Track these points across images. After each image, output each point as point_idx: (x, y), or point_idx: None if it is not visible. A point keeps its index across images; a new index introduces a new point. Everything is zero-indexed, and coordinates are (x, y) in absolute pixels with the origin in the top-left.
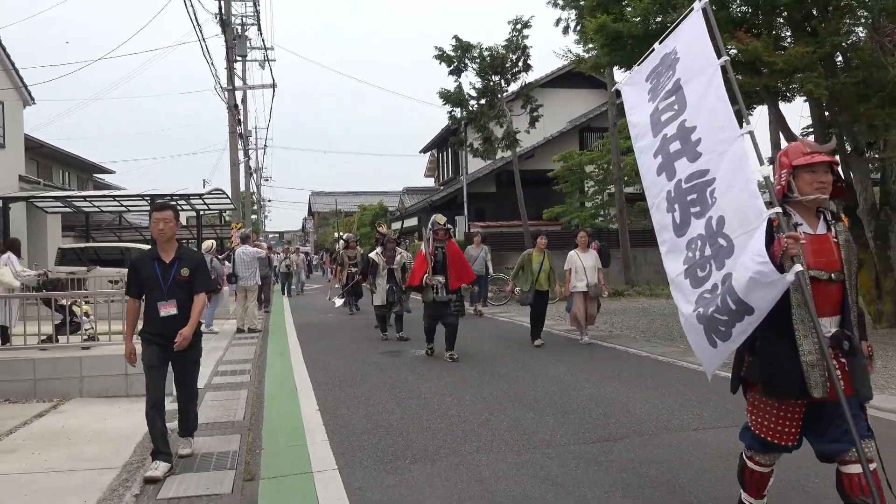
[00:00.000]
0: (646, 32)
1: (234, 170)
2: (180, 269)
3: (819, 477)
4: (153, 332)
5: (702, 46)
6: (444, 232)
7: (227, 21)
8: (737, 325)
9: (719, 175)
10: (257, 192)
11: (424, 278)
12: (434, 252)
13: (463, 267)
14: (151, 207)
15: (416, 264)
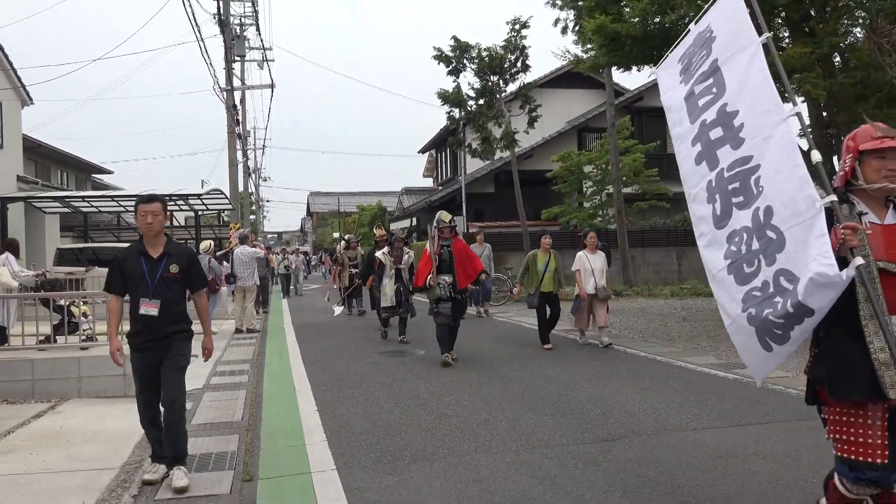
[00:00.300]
0: (644, 33)
1: (232, 170)
2: (169, 265)
3: (817, 476)
4: (136, 332)
5: (740, 23)
6: (450, 230)
7: (225, 21)
8: (796, 327)
9: (765, 162)
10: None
11: (428, 279)
12: (439, 251)
13: (471, 263)
14: (138, 199)
15: (421, 264)
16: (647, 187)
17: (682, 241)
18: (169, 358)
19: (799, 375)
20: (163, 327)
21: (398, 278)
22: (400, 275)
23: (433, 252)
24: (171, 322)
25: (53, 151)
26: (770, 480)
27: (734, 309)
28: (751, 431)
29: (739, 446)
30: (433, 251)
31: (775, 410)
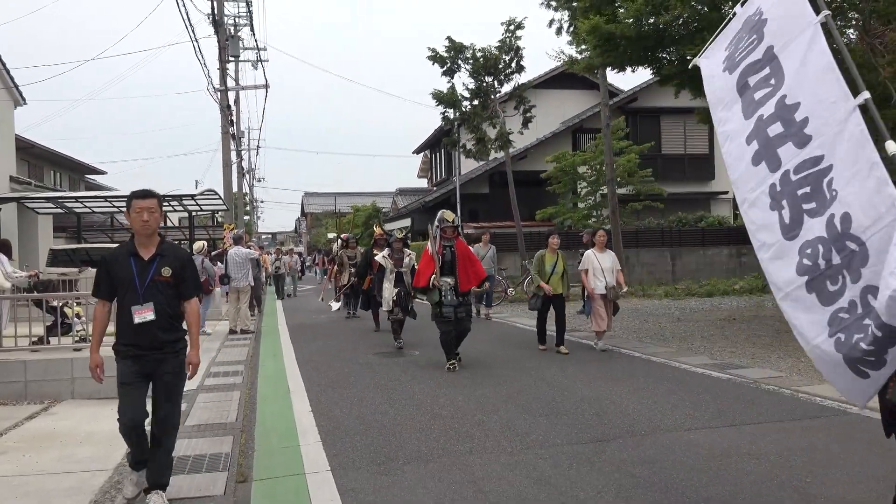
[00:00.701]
0: (638, 33)
1: (226, 170)
2: (161, 267)
3: (811, 476)
4: (127, 343)
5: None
6: (453, 229)
7: (219, 21)
8: (889, 350)
9: (836, 161)
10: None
11: (431, 280)
12: (442, 251)
13: (473, 267)
14: (131, 195)
15: (422, 264)
16: (641, 188)
17: (676, 241)
18: (164, 374)
19: (792, 375)
20: (157, 335)
21: (398, 281)
22: (401, 278)
23: (435, 252)
24: (165, 329)
25: (47, 152)
26: (764, 480)
27: (816, 334)
28: (745, 432)
29: (733, 446)
30: (435, 251)
31: (769, 411)
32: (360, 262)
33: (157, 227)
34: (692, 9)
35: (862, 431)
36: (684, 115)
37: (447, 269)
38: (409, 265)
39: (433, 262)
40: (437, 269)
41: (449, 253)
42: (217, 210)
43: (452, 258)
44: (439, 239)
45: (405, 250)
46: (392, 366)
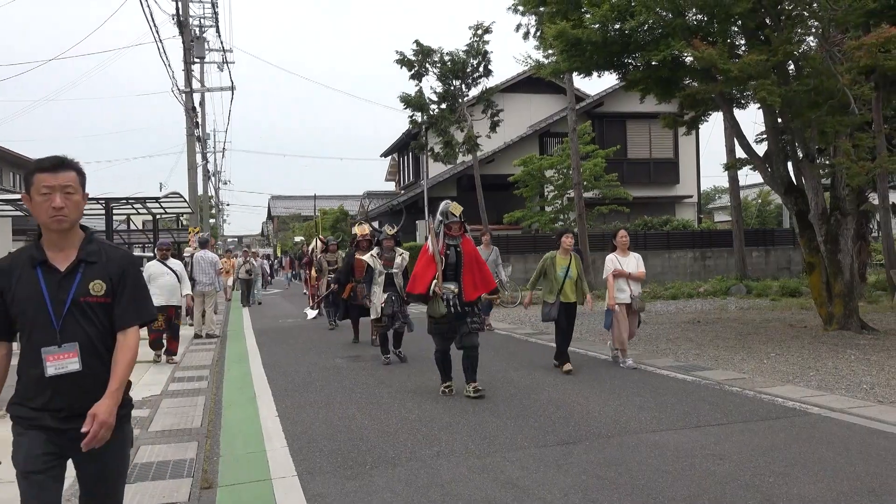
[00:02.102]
0: (604, 39)
1: (191, 173)
2: (88, 281)
3: (774, 476)
4: (35, 407)
5: None
6: (460, 226)
7: (184, 22)
8: None
9: None
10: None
11: (433, 286)
12: (445, 252)
13: (481, 272)
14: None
15: (420, 266)
16: (607, 192)
17: (641, 244)
18: (99, 457)
19: (755, 377)
20: (81, 394)
21: (389, 284)
22: (392, 281)
23: (437, 252)
24: (98, 381)
25: (4, 153)
26: (728, 481)
27: None
28: (709, 433)
29: (698, 447)
30: (437, 251)
31: (733, 412)
32: (342, 268)
33: (79, 219)
34: (657, 15)
35: (822, 431)
36: (649, 120)
37: (450, 274)
38: (401, 266)
39: (434, 265)
40: (440, 272)
41: (453, 254)
42: (182, 213)
43: (458, 260)
44: (442, 237)
45: (397, 249)
46: (359, 370)
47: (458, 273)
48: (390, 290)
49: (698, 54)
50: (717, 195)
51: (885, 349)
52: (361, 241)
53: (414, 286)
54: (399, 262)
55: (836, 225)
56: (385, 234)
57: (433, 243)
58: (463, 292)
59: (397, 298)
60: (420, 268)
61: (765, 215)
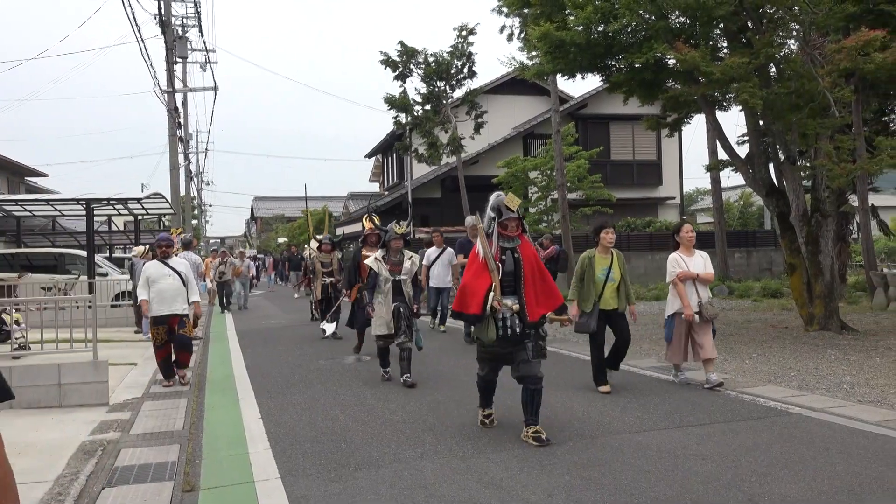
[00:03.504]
0: (588, 41)
1: (173, 174)
2: None
3: (755, 476)
4: None
5: None
6: (518, 223)
7: (166, 22)
8: None
9: None
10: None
11: (490, 302)
12: (500, 257)
13: (544, 283)
14: None
15: (469, 276)
16: (590, 193)
17: (625, 246)
18: None
19: (738, 377)
20: None
21: (397, 293)
22: (400, 289)
23: (491, 258)
24: None
25: None
26: (710, 480)
27: None
28: (692, 433)
29: (681, 447)
30: (490, 256)
31: (715, 412)
32: (348, 267)
33: None
34: (640, 18)
35: (802, 431)
36: (633, 122)
37: (507, 286)
38: (410, 271)
39: (487, 274)
40: (497, 283)
41: (510, 260)
42: (164, 214)
43: (516, 268)
44: (496, 238)
45: (405, 251)
46: (343, 371)
47: (518, 285)
48: (398, 300)
49: (681, 57)
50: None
51: (864, 349)
52: (370, 235)
53: (464, 303)
54: (408, 266)
55: (816, 226)
56: (392, 234)
57: (484, 246)
58: (526, 308)
59: (406, 311)
60: (470, 278)
61: (747, 217)
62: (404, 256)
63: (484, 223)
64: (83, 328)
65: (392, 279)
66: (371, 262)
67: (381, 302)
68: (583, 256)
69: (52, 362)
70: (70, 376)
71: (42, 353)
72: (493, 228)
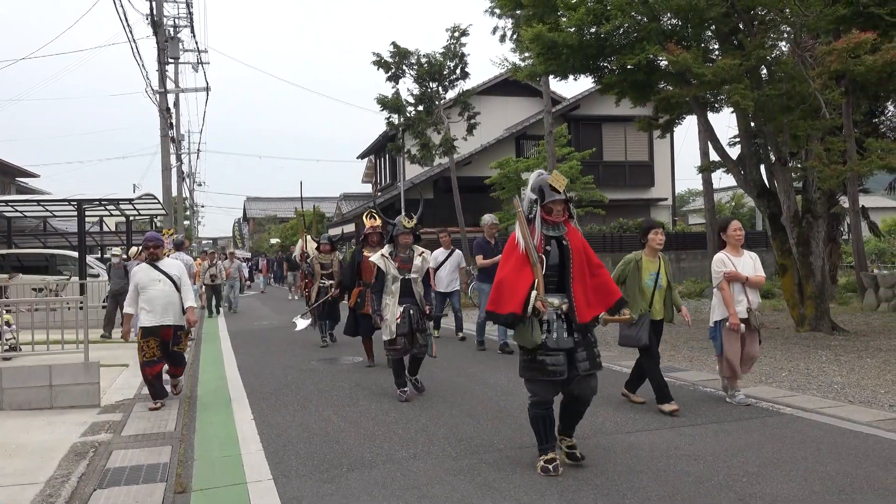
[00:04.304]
0: (580, 42)
1: (165, 174)
2: None
3: (747, 476)
4: None
5: None
6: (564, 207)
7: (158, 22)
8: None
9: None
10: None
11: (533, 300)
12: (544, 246)
13: (594, 276)
14: None
15: (507, 270)
16: (583, 194)
17: (617, 246)
18: None
19: None
20: None
21: (406, 294)
22: (409, 289)
23: (533, 248)
24: None
25: None
26: (702, 481)
27: None
28: (684, 433)
29: (673, 448)
30: (533, 246)
31: (707, 412)
32: (346, 269)
33: None
34: (632, 19)
35: (794, 431)
36: (625, 123)
37: (552, 281)
38: (421, 269)
39: (529, 268)
40: (540, 279)
41: (555, 250)
42: (156, 215)
43: (562, 260)
44: (539, 225)
45: (415, 247)
46: (335, 372)
47: (565, 280)
48: (407, 301)
49: (673, 58)
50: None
51: (855, 350)
52: (371, 234)
53: (500, 302)
54: (419, 263)
55: (807, 227)
56: (401, 228)
57: (524, 235)
58: (576, 308)
59: (417, 312)
60: (508, 272)
61: (738, 218)
62: (414, 253)
63: (524, 207)
64: (74, 329)
65: (401, 278)
66: (377, 258)
67: (387, 304)
68: (627, 258)
69: (44, 363)
70: (61, 378)
71: (33, 354)
72: (536, 213)
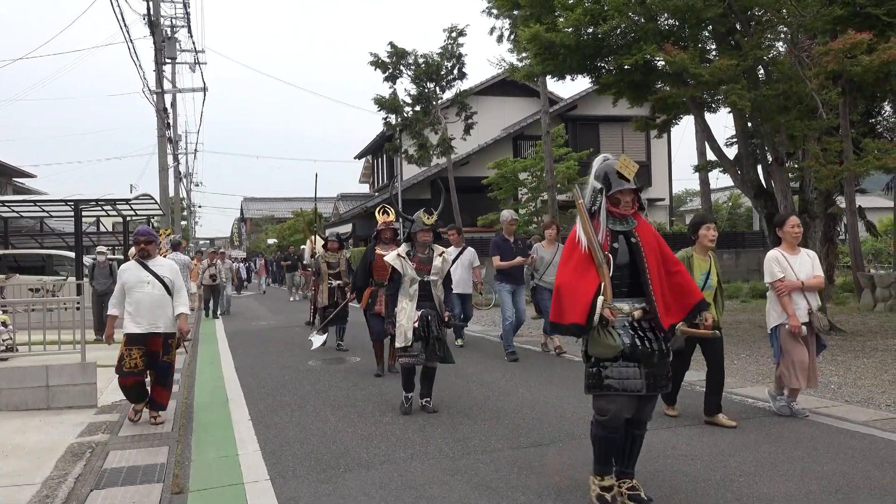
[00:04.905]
0: (578, 42)
1: (162, 175)
2: None
3: (744, 476)
4: None
5: None
6: (634, 197)
7: (155, 22)
8: None
9: None
10: (187, 198)
11: (600, 308)
12: (609, 245)
13: (674, 275)
14: None
15: (569, 272)
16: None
17: None
18: None
19: (726, 378)
20: None
21: (425, 297)
22: (428, 292)
23: (598, 246)
24: None
25: None
26: (699, 480)
27: None
28: (681, 433)
29: (670, 448)
30: (597, 243)
31: (704, 412)
32: (358, 268)
33: None
34: (629, 19)
35: (790, 431)
36: (622, 124)
37: (625, 283)
38: (441, 271)
39: (593, 269)
40: (608, 281)
41: (623, 247)
42: (153, 215)
43: (633, 259)
44: (605, 218)
45: (435, 246)
46: (333, 372)
47: (641, 282)
48: (426, 306)
49: (670, 58)
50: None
51: (852, 350)
52: (385, 231)
53: (562, 311)
54: (439, 264)
55: (804, 228)
56: (420, 224)
57: (587, 231)
58: (657, 313)
59: (435, 318)
60: (569, 276)
61: (735, 218)
62: (434, 252)
63: (585, 198)
64: (71, 330)
65: (419, 280)
66: (393, 258)
67: (404, 308)
68: (680, 255)
69: (40, 364)
70: (58, 378)
71: (30, 354)
72: (600, 204)
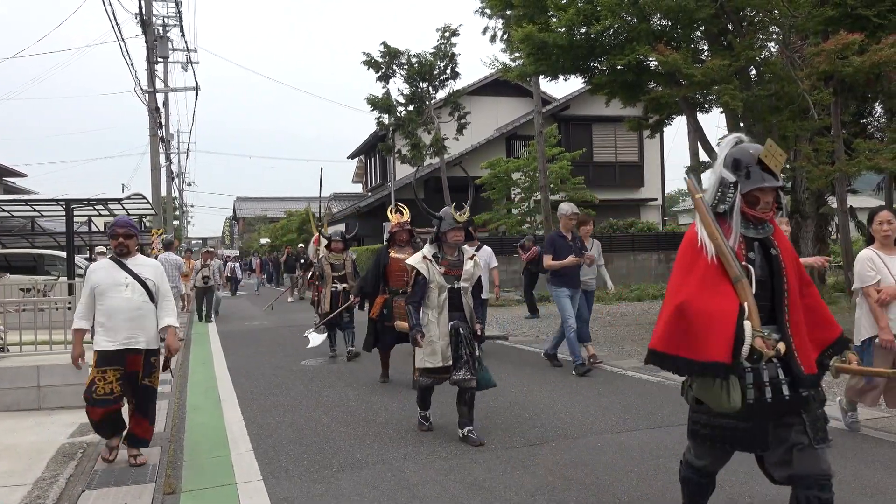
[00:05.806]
0: (570, 42)
1: (154, 174)
2: None
3: (735, 475)
4: None
5: None
6: (775, 196)
7: (147, 21)
8: None
9: None
10: (179, 198)
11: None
12: (747, 255)
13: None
14: None
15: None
16: (573, 194)
17: (607, 247)
18: None
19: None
20: None
21: (455, 308)
22: (459, 301)
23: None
24: None
25: None
26: None
27: None
28: (674, 433)
29: (662, 447)
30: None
31: None
32: (369, 272)
33: None
34: (622, 20)
35: None
36: (615, 124)
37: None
38: (472, 277)
39: (727, 284)
40: (752, 300)
41: (760, 259)
42: (145, 215)
43: (772, 274)
44: (737, 217)
45: (465, 249)
46: (326, 373)
47: (778, 304)
48: (455, 317)
49: (663, 59)
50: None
51: None
52: (399, 232)
53: (692, 341)
54: (470, 269)
55: (796, 228)
56: (450, 222)
57: (711, 234)
58: (796, 351)
59: (468, 332)
60: (695, 293)
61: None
62: (463, 255)
63: (709, 193)
64: (63, 330)
65: (448, 287)
66: (418, 261)
67: (431, 320)
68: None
69: (31, 364)
70: (49, 378)
71: (21, 354)
72: (733, 203)
